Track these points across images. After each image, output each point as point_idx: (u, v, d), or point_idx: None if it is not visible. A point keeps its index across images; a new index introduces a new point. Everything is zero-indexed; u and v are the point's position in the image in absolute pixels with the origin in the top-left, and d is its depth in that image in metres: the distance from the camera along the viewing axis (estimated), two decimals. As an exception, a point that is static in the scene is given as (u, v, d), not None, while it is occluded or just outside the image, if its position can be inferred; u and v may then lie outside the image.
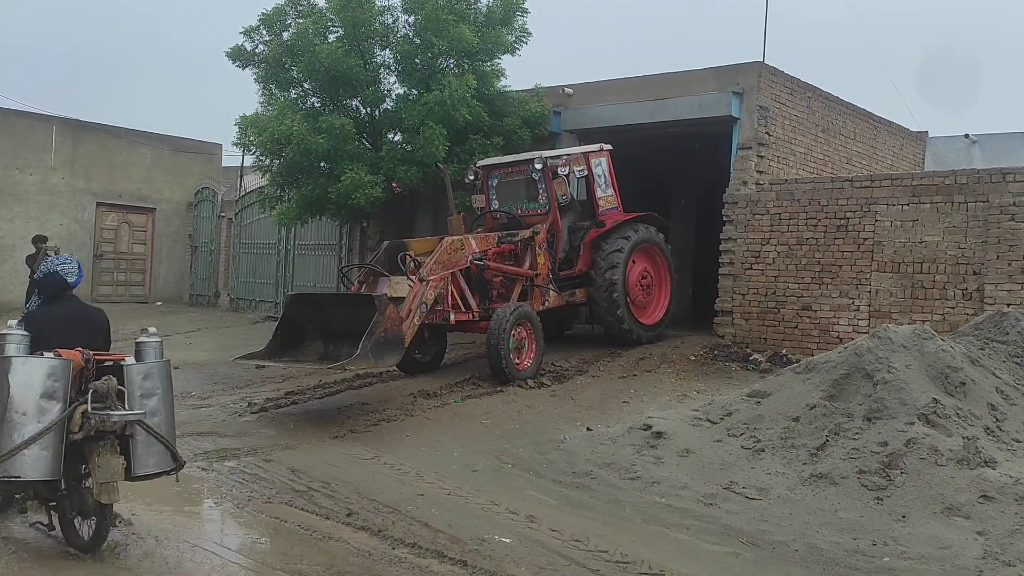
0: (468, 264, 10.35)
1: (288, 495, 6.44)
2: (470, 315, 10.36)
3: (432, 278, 9.62)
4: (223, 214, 20.71)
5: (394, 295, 9.36)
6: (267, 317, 17.77)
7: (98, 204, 20.75)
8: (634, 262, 11.82)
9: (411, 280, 9.53)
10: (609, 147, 12.33)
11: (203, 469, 7.12)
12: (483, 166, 12.25)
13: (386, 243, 10.51)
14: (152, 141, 21.86)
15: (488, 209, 12.19)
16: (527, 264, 11.18)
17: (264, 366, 11.95)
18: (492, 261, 10.74)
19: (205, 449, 7.74)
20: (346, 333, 8.80)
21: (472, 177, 12.13)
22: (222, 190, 21.16)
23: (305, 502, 6.27)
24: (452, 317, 10.05)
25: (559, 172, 11.42)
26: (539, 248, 11.23)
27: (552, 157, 11.60)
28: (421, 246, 10.40)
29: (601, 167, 12.11)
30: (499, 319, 9.94)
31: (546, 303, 11.23)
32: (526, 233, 11.25)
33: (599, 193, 12.01)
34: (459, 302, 10.28)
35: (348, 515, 5.96)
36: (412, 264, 9.71)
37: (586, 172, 11.81)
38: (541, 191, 11.75)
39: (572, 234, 11.88)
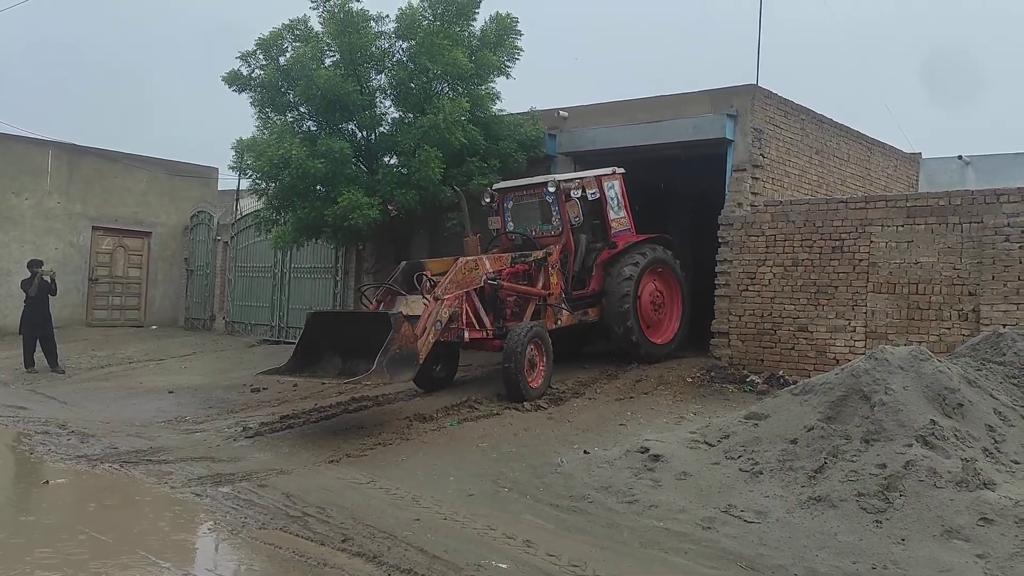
0: (482, 283, 10.58)
1: (283, 521, 6.38)
2: (484, 333, 10.59)
3: (447, 297, 9.88)
4: (219, 237, 20.70)
5: (410, 313, 9.62)
6: (263, 340, 17.72)
7: (94, 228, 20.73)
8: (646, 282, 12.06)
9: (426, 299, 9.78)
10: (622, 170, 12.58)
11: (197, 495, 7.06)
12: (499, 189, 12.54)
13: (403, 263, 10.79)
14: (148, 165, 21.89)
15: (504, 231, 12.46)
16: (540, 284, 11.43)
17: (260, 389, 12.06)
18: (506, 281, 10.96)
19: (199, 474, 7.68)
20: (363, 350, 9.03)
21: (488, 200, 12.42)
22: (218, 213, 21.17)
23: (300, 528, 6.21)
24: (466, 335, 10.28)
25: (572, 195, 11.67)
26: (552, 268, 11.49)
27: (565, 180, 11.89)
28: (438, 266, 10.62)
29: (614, 190, 12.41)
30: (515, 338, 10.13)
31: (559, 322, 11.47)
32: (539, 254, 11.53)
33: (612, 215, 12.28)
34: (473, 320, 10.49)
35: (343, 541, 5.90)
36: (427, 283, 10.00)
37: (599, 195, 12.09)
38: (555, 213, 12.02)
39: (585, 255, 12.11)
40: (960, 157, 18.33)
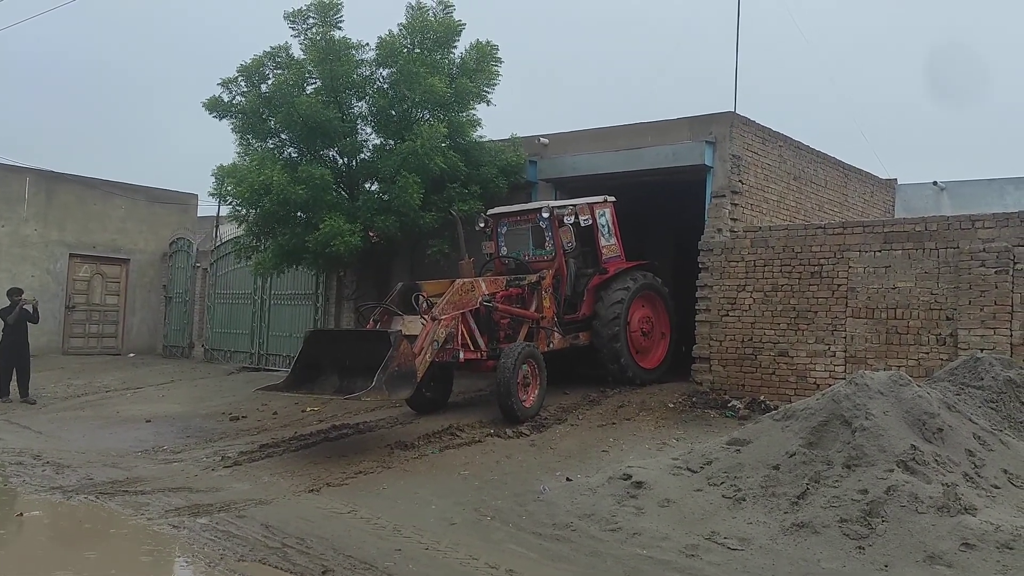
0: (478, 305, 10.78)
1: (262, 552, 6.28)
2: (478, 354, 10.75)
3: (444, 317, 10.09)
4: (198, 264, 20.56)
5: (408, 333, 9.71)
6: (242, 368, 17.56)
7: (71, 255, 20.54)
8: (635, 308, 12.29)
9: (424, 319, 9.94)
10: (613, 199, 12.79)
11: (174, 527, 6.95)
12: (493, 214, 12.73)
13: (400, 284, 10.96)
14: (127, 192, 21.77)
15: (497, 255, 12.66)
16: (533, 307, 11.63)
17: (239, 418, 11.95)
18: (500, 303, 11.14)
19: (176, 505, 7.57)
20: (361, 368, 9.17)
21: (482, 224, 12.62)
22: (197, 240, 21.05)
23: (279, 559, 6.12)
24: (461, 355, 10.45)
25: (565, 221, 11.86)
26: (545, 292, 11.71)
27: (559, 207, 12.07)
28: (433, 288, 10.76)
29: (605, 217, 12.65)
30: (508, 358, 10.29)
31: (551, 345, 11.65)
32: (533, 278, 11.73)
33: (603, 242, 12.52)
34: (468, 341, 10.67)
35: (323, 572, 5.82)
36: (425, 304, 10.17)
37: (591, 221, 12.28)
38: (548, 239, 12.24)
39: (577, 280, 12.33)
40: (935, 183, 18.56)
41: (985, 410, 7.50)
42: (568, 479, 8.10)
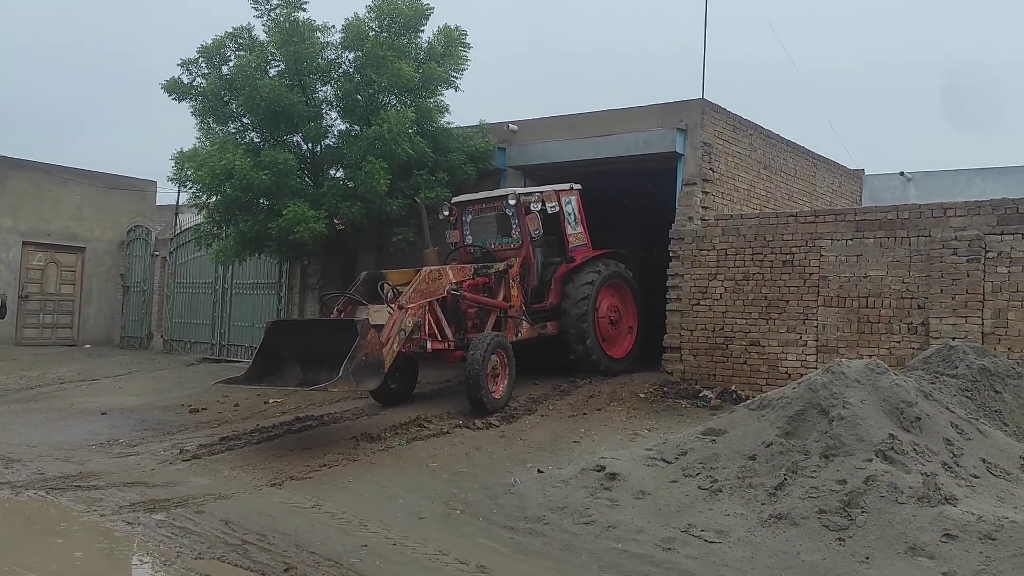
0: (445, 294, 10.57)
1: (221, 549, 6.01)
2: (446, 344, 10.54)
3: (411, 306, 9.88)
4: (157, 253, 20.07)
5: (374, 322, 9.47)
6: (203, 359, 17.16)
7: (24, 243, 19.99)
8: (603, 297, 12.16)
9: (391, 308, 9.72)
10: (579, 186, 12.61)
11: (128, 523, 6.64)
12: (457, 202, 12.48)
13: (364, 273, 10.74)
14: (83, 178, 21.20)
15: (462, 244, 12.42)
16: (501, 296, 11.45)
17: (199, 410, 11.62)
18: (468, 292, 10.94)
19: (131, 500, 7.25)
20: (325, 358, 8.92)
21: (447, 213, 12.36)
22: (156, 228, 20.55)
23: (239, 557, 5.85)
24: (429, 345, 10.23)
25: (532, 208, 11.68)
26: (512, 281, 11.53)
27: (525, 194, 11.89)
28: (398, 277, 10.57)
29: (571, 205, 12.47)
30: (477, 348, 10.11)
31: (519, 334, 11.48)
32: (500, 266, 11.55)
33: (569, 230, 12.33)
34: (436, 331, 10.45)
35: (286, 570, 5.57)
36: (391, 293, 9.98)
37: (557, 209, 12.10)
38: (514, 226, 12.05)
39: (544, 269, 12.17)
40: (902, 173, 18.66)
41: (960, 399, 7.42)
42: (539, 471, 7.91)
